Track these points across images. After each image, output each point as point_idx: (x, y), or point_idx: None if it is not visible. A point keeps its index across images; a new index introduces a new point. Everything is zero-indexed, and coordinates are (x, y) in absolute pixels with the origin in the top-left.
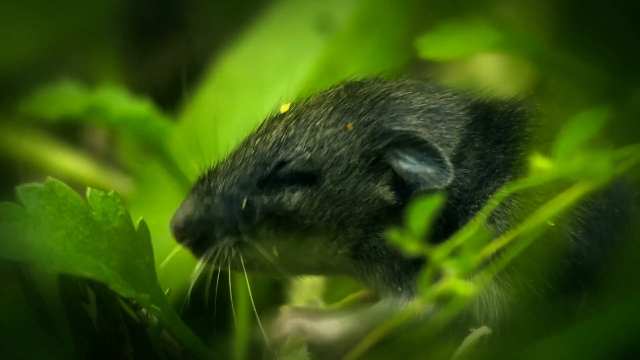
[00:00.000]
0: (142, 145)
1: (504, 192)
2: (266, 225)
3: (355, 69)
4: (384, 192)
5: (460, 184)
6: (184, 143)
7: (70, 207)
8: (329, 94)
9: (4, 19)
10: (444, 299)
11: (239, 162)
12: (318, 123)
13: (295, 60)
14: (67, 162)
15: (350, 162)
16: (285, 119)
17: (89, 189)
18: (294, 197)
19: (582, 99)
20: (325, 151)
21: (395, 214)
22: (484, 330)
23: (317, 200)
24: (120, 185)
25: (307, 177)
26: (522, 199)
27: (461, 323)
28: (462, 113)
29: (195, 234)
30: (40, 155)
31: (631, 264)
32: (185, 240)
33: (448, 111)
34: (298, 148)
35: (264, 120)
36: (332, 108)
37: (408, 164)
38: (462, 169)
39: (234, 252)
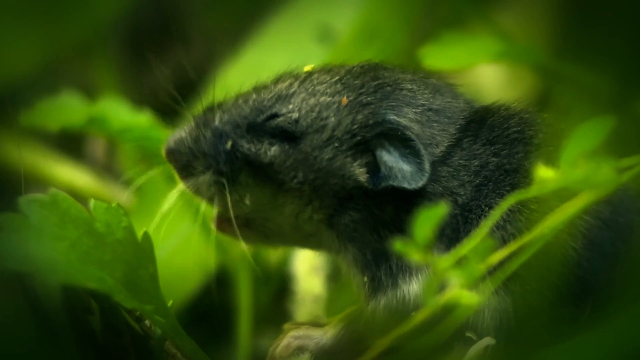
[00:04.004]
0: (143, 155)
1: (506, 202)
2: (246, 173)
3: None
4: (360, 172)
5: (446, 184)
6: None
7: (73, 218)
8: (345, 66)
9: (5, 31)
10: (447, 309)
11: (240, 102)
12: (318, 88)
13: (296, 70)
14: (68, 173)
15: (334, 133)
16: (295, 76)
17: (92, 200)
18: (270, 151)
19: (584, 108)
20: (313, 116)
21: (369, 197)
22: (488, 340)
23: (291, 159)
24: (121, 196)
25: (289, 135)
26: (524, 208)
27: (458, 330)
28: (461, 117)
29: (181, 160)
30: (40, 166)
31: (634, 275)
32: (172, 162)
33: (448, 113)
34: (291, 106)
35: (282, 73)
36: (337, 78)
37: (389, 156)
38: (447, 168)
39: (212, 189)
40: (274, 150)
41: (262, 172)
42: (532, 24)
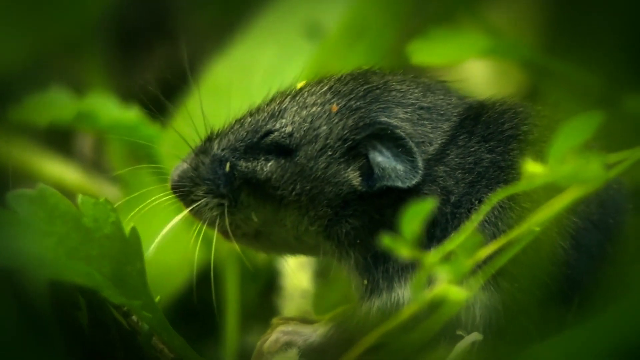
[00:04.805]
0: (132, 151)
1: (494, 197)
2: (246, 191)
3: None
4: (354, 177)
5: (442, 183)
6: (173, 150)
7: (61, 214)
8: (334, 76)
9: None
10: (435, 304)
11: (237, 127)
12: (309, 100)
13: (285, 66)
14: (56, 169)
15: (327, 142)
16: (287, 93)
17: (80, 195)
18: (266, 167)
19: (573, 104)
20: (306, 127)
21: (364, 202)
22: (475, 336)
23: (288, 173)
24: (109, 192)
25: (284, 150)
26: (516, 205)
27: (447, 326)
28: (454, 113)
29: (184, 189)
30: (28, 162)
31: (622, 274)
32: (176, 192)
33: (440, 111)
34: (284, 120)
35: (275, 93)
36: (326, 88)
37: (382, 157)
38: (442, 167)
39: (215, 212)
40: (270, 165)
41: (261, 189)
42: (521, 19)
